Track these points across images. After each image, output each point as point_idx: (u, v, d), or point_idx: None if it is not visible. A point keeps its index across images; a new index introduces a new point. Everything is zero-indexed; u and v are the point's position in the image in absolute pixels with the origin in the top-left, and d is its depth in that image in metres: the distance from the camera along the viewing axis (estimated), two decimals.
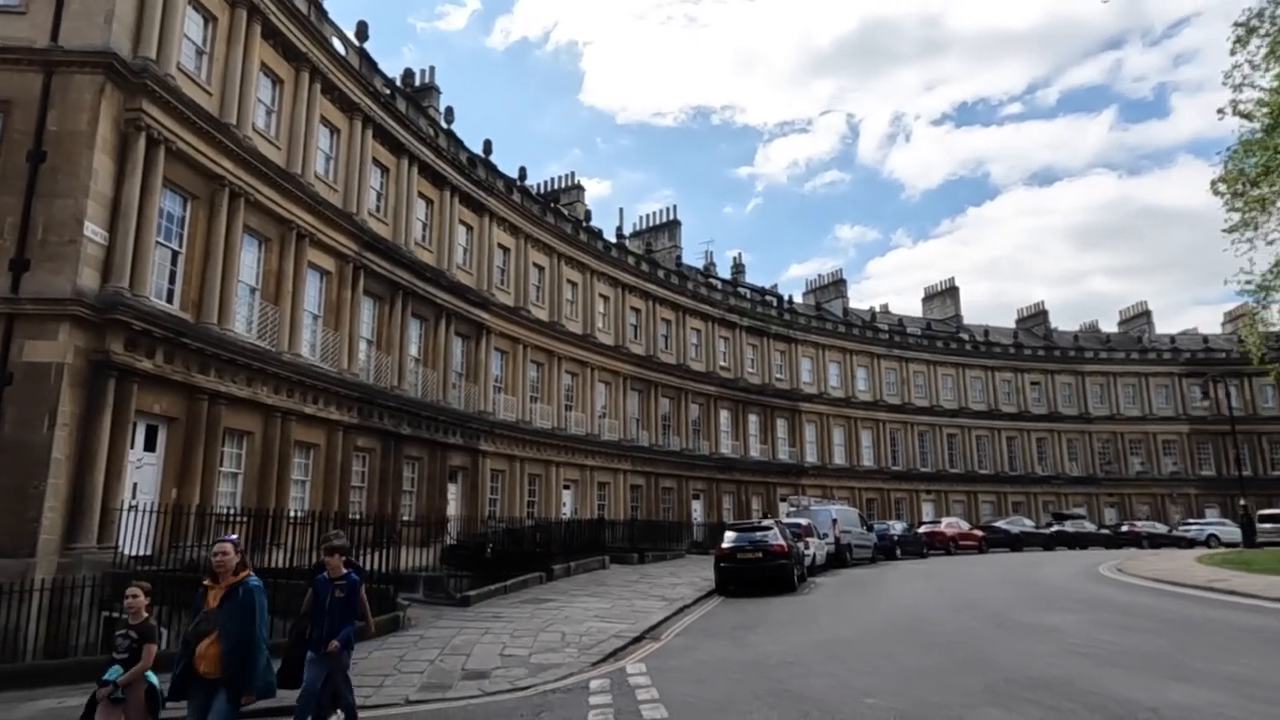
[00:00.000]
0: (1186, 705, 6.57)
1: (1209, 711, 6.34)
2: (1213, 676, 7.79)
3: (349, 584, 6.96)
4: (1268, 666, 8.33)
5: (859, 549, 28.79)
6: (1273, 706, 6.48)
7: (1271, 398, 57.31)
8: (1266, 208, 24.86)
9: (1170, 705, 6.57)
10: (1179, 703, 6.66)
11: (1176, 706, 6.52)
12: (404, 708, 8.11)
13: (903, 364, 54.80)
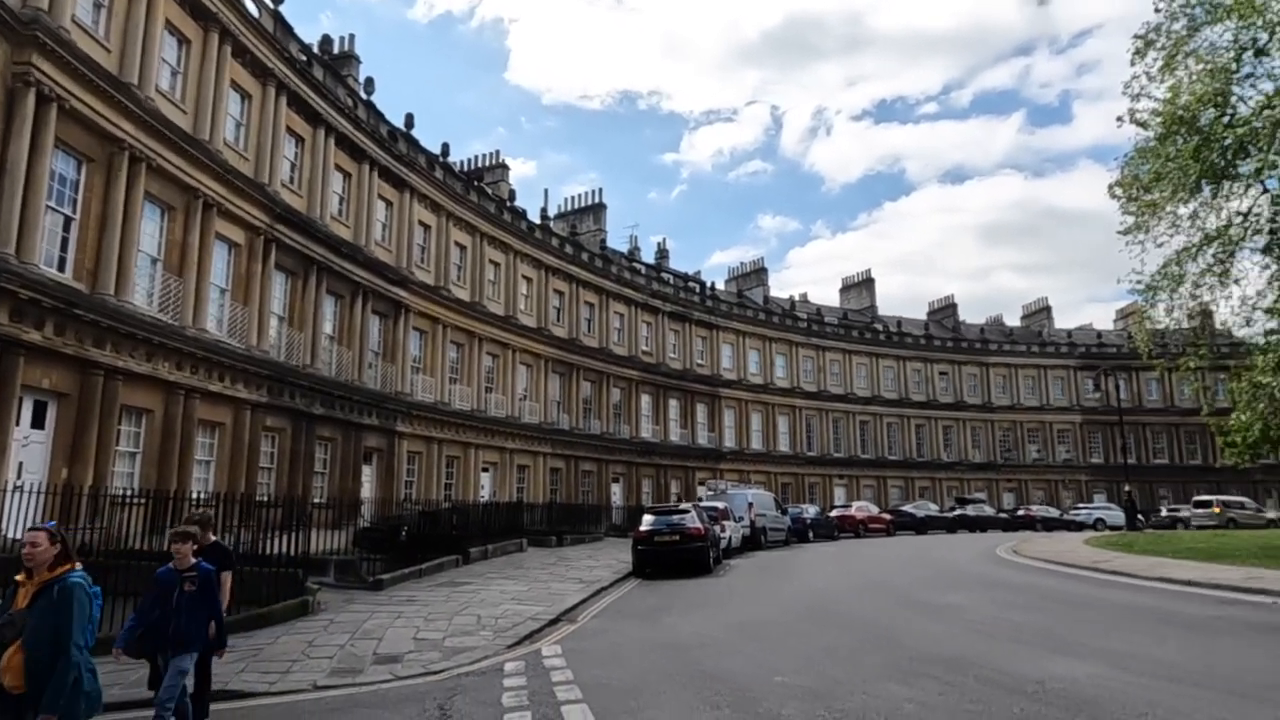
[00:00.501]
0: (1069, 677, 6.99)
1: (1088, 682, 6.77)
2: (1094, 650, 8.31)
3: (201, 575, 6.02)
4: (1143, 640, 8.94)
5: (773, 532, 29.49)
6: (1144, 677, 6.96)
7: (1156, 391, 61.14)
8: (1157, 212, 26.37)
9: (1054, 677, 6.98)
10: (1062, 675, 7.08)
11: (1060, 678, 6.94)
12: (312, 694, 7.92)
13: (820, 352, 56.16)
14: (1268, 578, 13.76)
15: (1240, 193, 25.11)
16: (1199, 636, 9.28)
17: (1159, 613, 11.13)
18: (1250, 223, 24.80)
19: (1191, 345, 28.26)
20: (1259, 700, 6.13)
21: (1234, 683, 6.77)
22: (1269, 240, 23.86)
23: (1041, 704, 6.08)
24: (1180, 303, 27.19)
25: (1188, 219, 26.01)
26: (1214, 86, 24.35)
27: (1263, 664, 7.65)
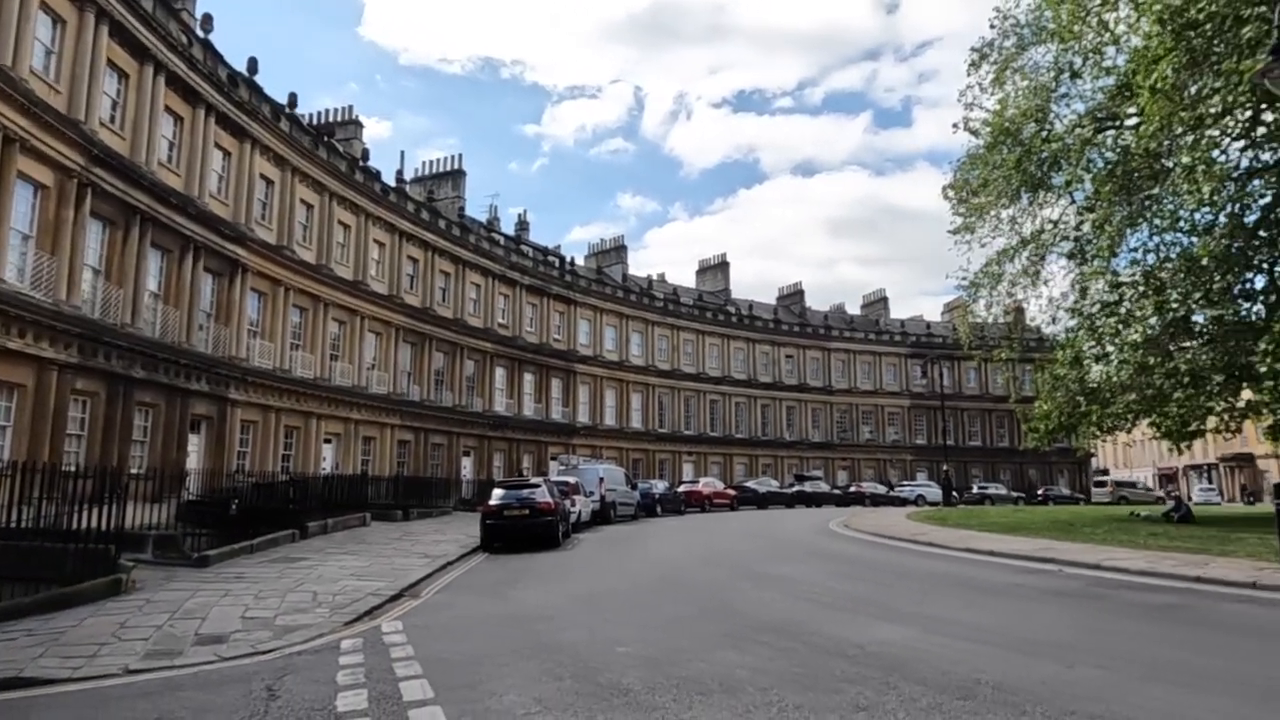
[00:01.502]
0: (887, 640, 7.57)
1: (903, 644, 7.35)
2: (910, 615, 9.04)
3: None
4: (952, 606, 9.80)
5: (623, 506, 30.00)
6: (951, 639, 7.64)
7: (974, 379, 66.75)
8: (983, 215, 28.65)
9: (874, 641, 7.53)
10: (882, 639, 7.65)
11: (879, 642, 7.50)
12: (123, 678, 7.33)
13: (675, 332, 57.37)
14: (1057, 548, 15.42)
15: (1053, 202, 27.67)
16: (998, 601, 10.28)
17: (966, 580, 12.23)
18: (1059, 230, 27.38)
19: (1005, 339, 31.04)
20: (1041, 655, 6.88)
21: (1023, 641, 7.56)
22: (1073, 247, 26.44)
23: (861, 665, 6.54)
24: (998, 299, 29.74)
25: (1008, 223, 28.41)
26: (1036, 103, 26.62)
27: (1046, 623, 8.59)
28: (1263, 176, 21.86)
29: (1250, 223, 21.66)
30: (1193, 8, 17.73)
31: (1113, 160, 23.77)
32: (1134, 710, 5.14)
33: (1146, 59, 19.59)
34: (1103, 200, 23.14)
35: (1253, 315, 21.43)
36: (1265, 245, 21.51)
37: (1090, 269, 25.12)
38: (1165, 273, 22.14)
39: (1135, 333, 22.29)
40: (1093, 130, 24.83)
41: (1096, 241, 23.97)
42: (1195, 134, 20.57)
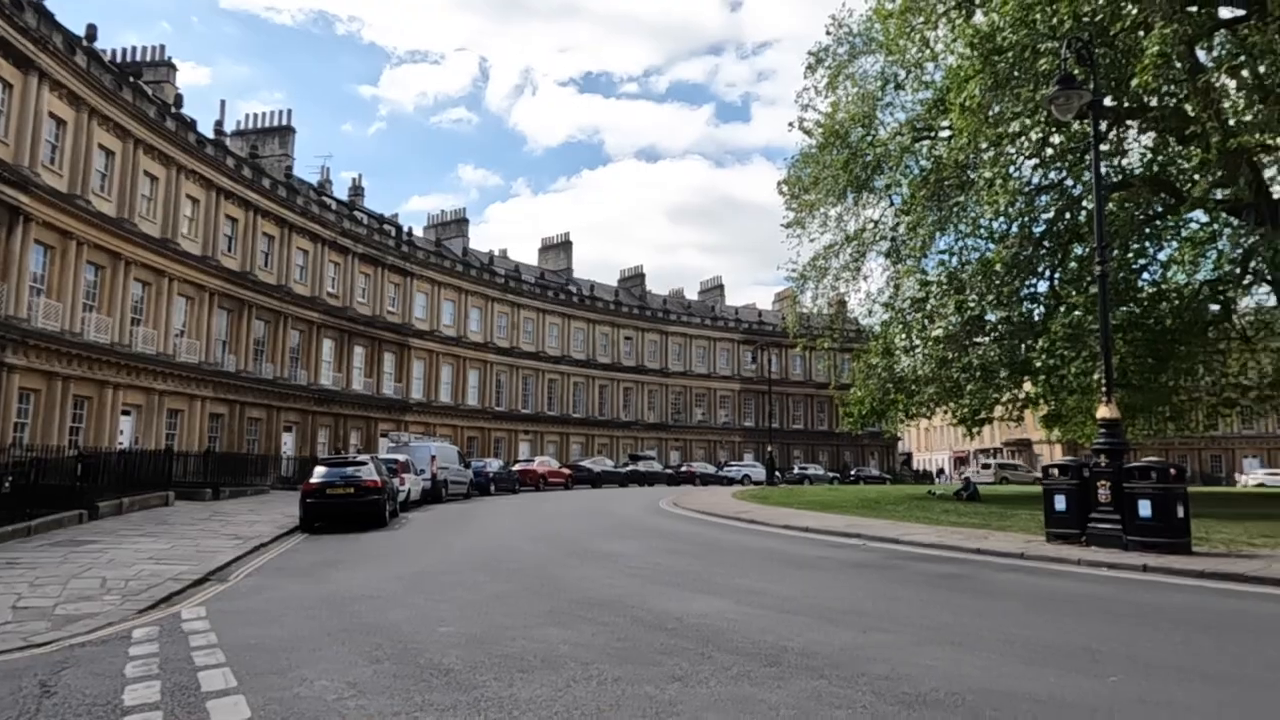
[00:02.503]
0: (704, 612, 7.92)
1: (719, 616, 7.73)
2: (729, 589, 9.49)
3: None
4: (768, 579, 10.39)
5: (455, 485, 29.47)
6: (765, 610, 8.11)
7: (799, 366, 70.67)
8: (813, 211, 30.32)
9: (693, 614, 7.86)
10: (700, 611, 8.00)
11: (698, 614, 7.83)
12: None
13: (515, 309, 56.77)
14: (863, 525, 16.70)
15: (874, 203, 29.71)
16: (807, 573, 11.01)
17: (781, 555, 12.99)
18: (879, 230, 29.44)
19: (828, 329, 33.06)
20: (841, 624, 7.45)
21: (827, 610, 8.16)
22: (890, 246, 28.53)
23: (679, 637, 6.81)
24: (824, 292, 31.63)
25: (835, 220, 30.24)
26: (864, 109, 28.41)
27: (848, 593, 9.30)
28: (1049, 193, 24.49)
29: (1037, 234, 24.24)
30: (999, 36, 19.49)
31: (927, 168, 25.83)
32: (915, 669, 5.67)
33: (959, 78, 21.38)
34: (917, 205, 25.11)
35: (1035, 316, 24.01)
36: (1048, 255, 24.16)
37: (904, 268, 27.23)
38: (966, 275, 24.37)
39: (938, 328, 24.41)
40: (911, 139, 26.81)
41: (910, 242, 26.02)
42: (997, 150, 22.72)
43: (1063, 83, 10.60)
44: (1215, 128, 18.70)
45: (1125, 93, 20.23)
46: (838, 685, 5.38)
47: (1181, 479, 11.47)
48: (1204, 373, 27.11)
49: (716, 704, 5.01)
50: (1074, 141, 21.63)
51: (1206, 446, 65.55)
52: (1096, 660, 5.91)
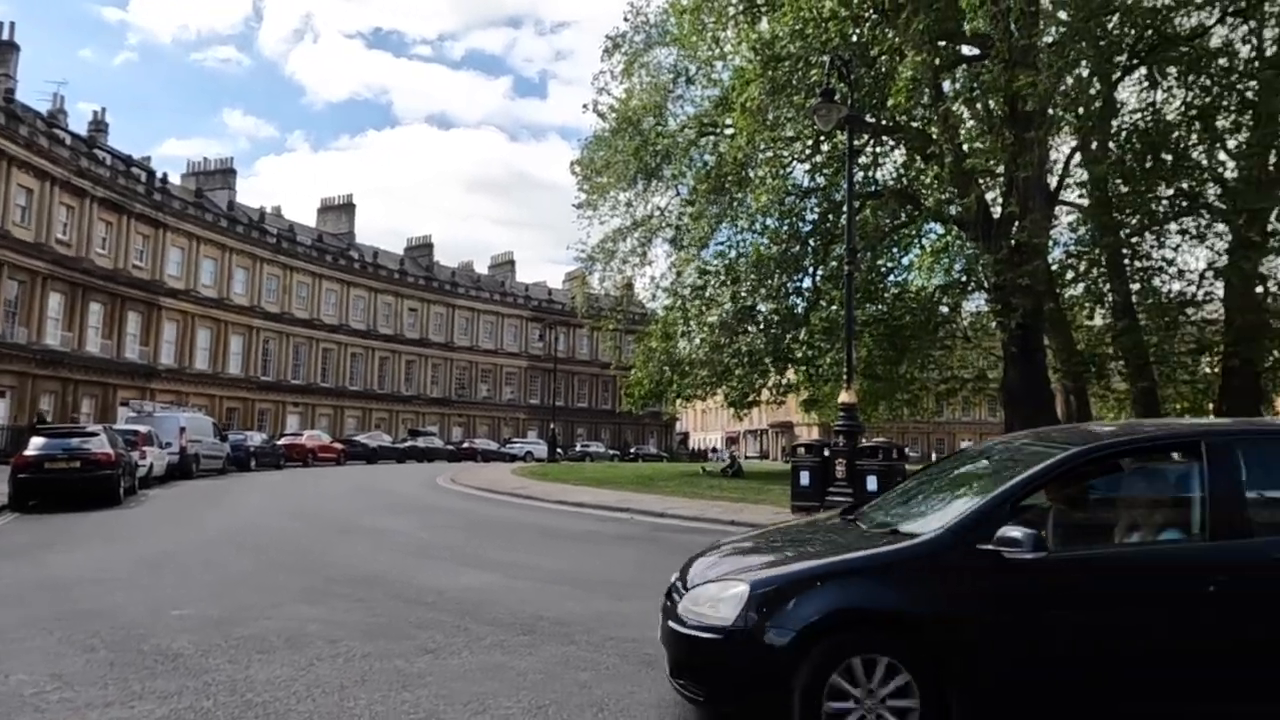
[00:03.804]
0: (469, 586, 7.93)
1: (483, 590, 7.77)
2: (496, 563, 9.55)
3: None
4: (536, 552, 10.58)
5: (208, 459, 27.04)
6: (529, 581, 8.27)
7: (586, 346, 71.82)
8: (605, 194, 30.83)
9: (456, 588, 7.84)
10: (464, 585, 7.99)
11: (461, 588, 7.82)
12: None
13: (288, 272, 52.86)
14: (634, 499, 17.41)
15: (662, 191, 30.72)
16: (575, 546, 11.34)
17: (552, 529, 13.25)
18: (665, 217, 30.53)
19: (614, 311, 33.91)
20: (599, 592, 7.79)
21: (588, 580, 8.46)
22: (675, 234, 29.70)
23: (438, 611, 6.77)
24: (611, 274, 32.35)
25: (625, 205, 30.94)
26: (656, 99, 29.25)
27: (610, 564, 9.71)
28: (815, 196, 26.66)
29: (804, 233, 26.32)
30: (778, 45, 20.85)
31: (711, 163, 27.14)
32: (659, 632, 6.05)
33: (742, 80, 22.64)
34: (700, 197, 26.33)
35: (799, 310, 26.09)
36: (813, 253, 26.31)
37: (685, 256, 28.48)
38: (741, 267, 25.97)
39: (714, 316, 25.86)
40: (697, 133, 28.04)
41: (692, 232, 27.22)
42: (773, 151, 24.35)
43: (824, 95, 11.60)
44: (951, 150, 21.29)
45: (883, 111, 22.41)
46: (586, 650, 5.63)
47: (903, 458, 13.08)
48: (933, 366, 30.87)
49: (466, 674, 5.06)
50: (839, 150, 23.69)
51: (934, 430, 74.77)
52: None
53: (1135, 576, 3.84)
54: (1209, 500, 3.85)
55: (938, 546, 3.78)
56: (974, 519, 3.79)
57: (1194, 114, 23.35)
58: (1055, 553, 3.78)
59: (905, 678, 3.56)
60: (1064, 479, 4.13)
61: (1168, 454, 4.47)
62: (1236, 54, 23.60)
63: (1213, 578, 3.72)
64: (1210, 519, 3.84)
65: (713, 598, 3.89)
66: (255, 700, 4.54)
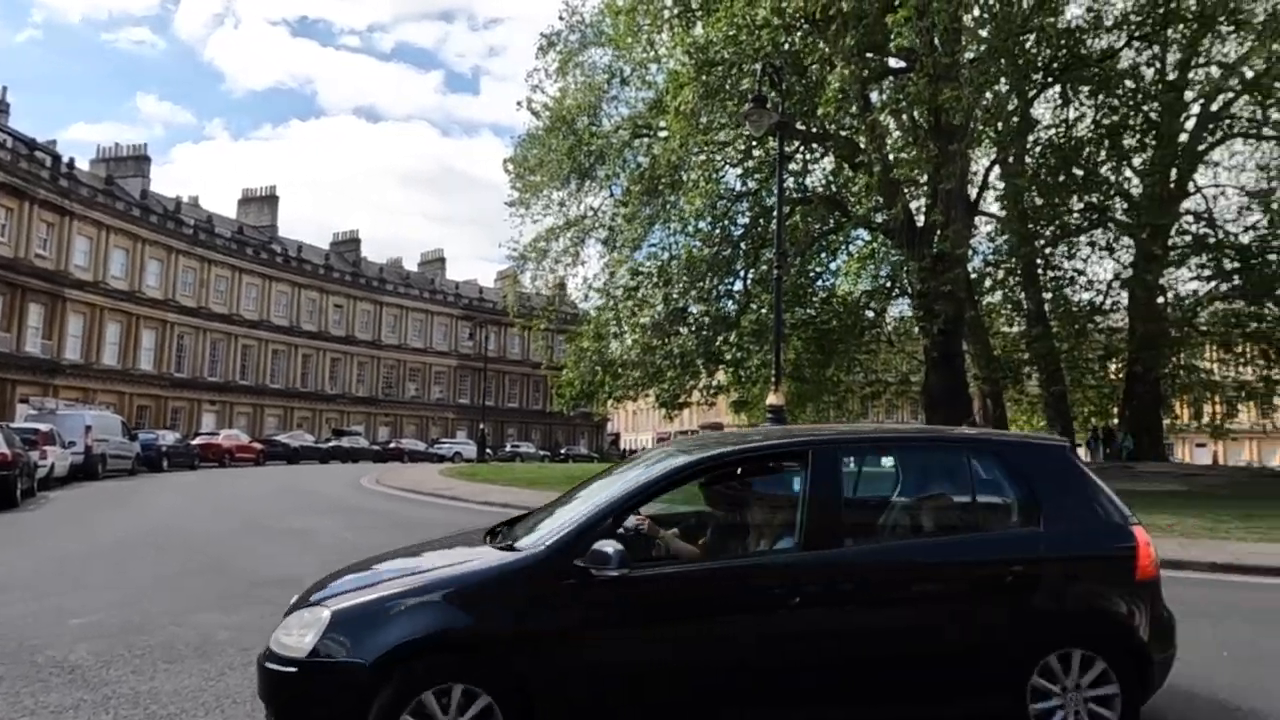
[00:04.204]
0: None
1: None
2: None
3: None
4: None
5: (117, 459, 25.76)
6: None
7: (517, 346, 71.13)
8: (537, 193, 30.56)
9: None
10: None
11: None
12: None
13: (206, 265, 50.85)
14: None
15: (596, 191, 30.63)
16: None
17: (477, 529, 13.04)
18: (598, 218, 30.45)
19: (545, 310, 33.67)
20: None
21: None
22: (608, 235, 29.65)
23: None
24: (543, 273, 32.09)
25: (558, 205, 30.74)
26: (590, 99, 29.16)
27: None
28: (747, 200, 27.02)
29: (735, 236, 26.63)
30: (712, 50, 21.04)
31: (644, 165, 27.17)
32: None
33: (677, 83, 22.77)
34: (633, 198, 26.36)
35: (729, 312, 26.36)
36: (744, 256, 26.64)
37: (618, 257, 28.47)
38: (673, 269, 26.10)
39: (646, 317, 25.92)
40: (631, 135, 28.06)
41: (626, 233, 27.23)
42: (706, 155, 24.57)
43: (755, 101, 11.76)
44: (879, 160, 21.87)
45: (813, 119, 22.85)
46: None
47: None
48: (859, 369, 31.62)
49: None
50: (771, 156, 24.05)
51: None
52: None
53: (719, 591, 3.75)
54: (807, 509, 3.81)
55: (533, 563, 3.60)
56: (575, 534, 3.63)
57: (1103, 132, 24.61)
58: (638, 569, 3.57)
59: (486, 700, 3.36)
60: (673, 490, 4.06)
61: (782, 464, 4.42)
62: (1142, 77, 24.98)
63: (801, 589, 3.68)
64: (806, 528, 3.79)
65: (299, 625, 3.55)
66: (160, 713, 4.33)
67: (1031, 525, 4.05)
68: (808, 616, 3.67)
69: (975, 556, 3.98)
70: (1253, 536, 11.23)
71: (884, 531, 4.28)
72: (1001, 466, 4.25)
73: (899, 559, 4.04)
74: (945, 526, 4.22)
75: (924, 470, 4.60)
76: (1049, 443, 4.54)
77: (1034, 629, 3.84)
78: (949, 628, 3.83)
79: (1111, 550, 4.04)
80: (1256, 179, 25.57)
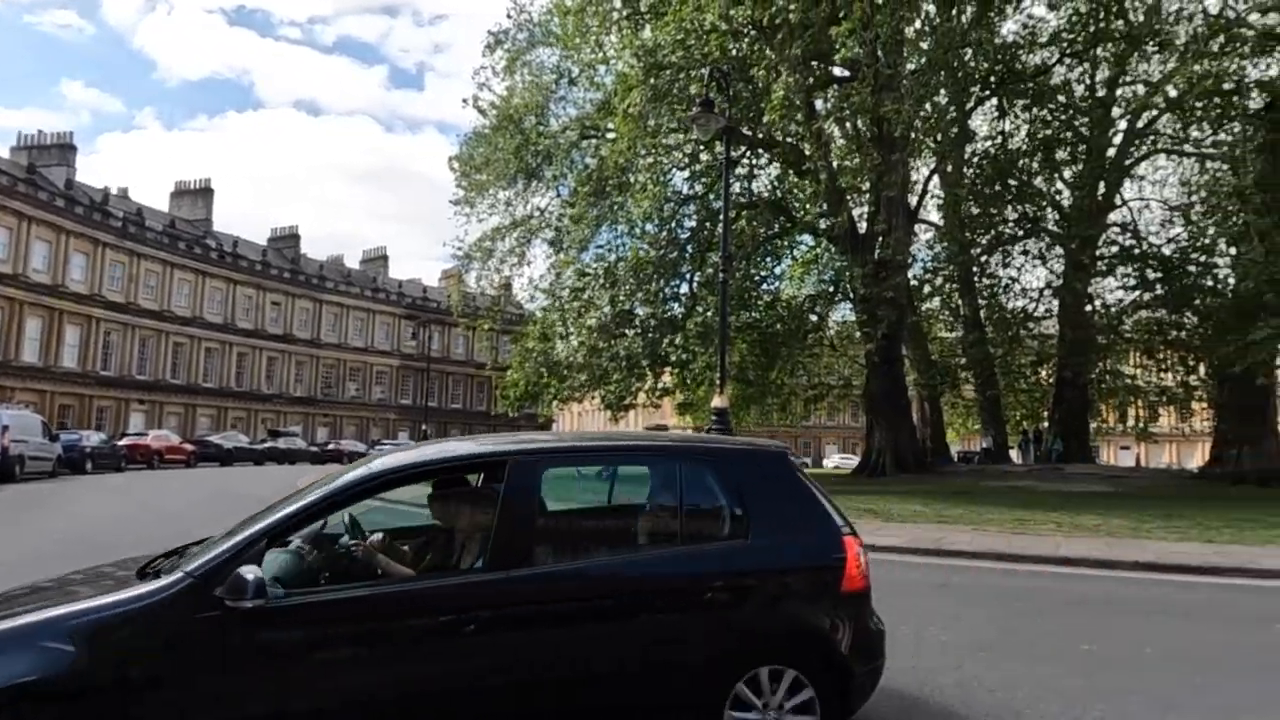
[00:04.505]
0: None
1: None
2: None
3: None
4: None
5: (35, 460, 24.58)
6: None
7: (462, 346, 70.30)
8: (483, 192, 30.26)
9: None
10: None
11: None
12: None
13: (135, 259, 49.03)
14: None
15: (542, 192, 30.49)
16: None
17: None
18: (545, 218, 30.31)
19: (490, 310, 33.34)
20: None
21: None
22: (555, 235, 29.53)
23: None
24: (489, 274, 31.78)
25: (504, 204, 30.50)
26: (538, 98, 28.99)
27: None
28: (694, 203, 27.18)
29: (682, 239, 26.77)
30: (660, 54, 21.12)
31: (592, 166, 27.15)
32: None
33: (625, 85, 22.80)
34: (580, 199, 26.27)
35: (676, 314, 26.47)
36: (690, 259, 26.80)
37: (565, 258, 28.35)
38: (620, 270, 26.10)
39: (593, 318, 25.86)
40: (579, 135, 27.99)
41: (573, 234, 27.13)
42: (653, 157, 24.64)
43: (703, 105, 11.84)
44: (824, 167, 22.24)
45: (759, 125, 23.11)
46: None
47: None
48: (802, 372, 32.09)
49: None
50: (718, 160, 24.25)
51: (802, 434, 77.70)
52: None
53: (384, 621, 3.36)
54: (497, 526, 3.51)
55: (166, 596, 3.15)
56: (219, 560, 3.22)
57: (1037, 144, 25.47)
58: (290, 598, 3.21)
59: None
60: (349, 505, 3.73)
61: (479, 475, 4.17)
62: (1073, 92, 25.92)
63: (477, 614, 3.35)
64: (494, 547, 3.49)
65: None
66: None
67: (739, 538, 3.86)
68: (486, 643, 3.35)
69: (673, 571, 3.74)
70: (1173, 536, 11.70)
71: (584, 548, 4.00)
72: (715, 476, 4.04)
73: (592, 577, 3.68)
74: (649, 541, 3.99)
75: (634, 481, 4.41)
76: (767, 450, 4.30)
77: (732, 646, 3.64)
78: (642, 648, 3.60)
79: (819, 562, 3.87)
80: (1179, 194, 26.78)
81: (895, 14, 18.85)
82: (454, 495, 4.08)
